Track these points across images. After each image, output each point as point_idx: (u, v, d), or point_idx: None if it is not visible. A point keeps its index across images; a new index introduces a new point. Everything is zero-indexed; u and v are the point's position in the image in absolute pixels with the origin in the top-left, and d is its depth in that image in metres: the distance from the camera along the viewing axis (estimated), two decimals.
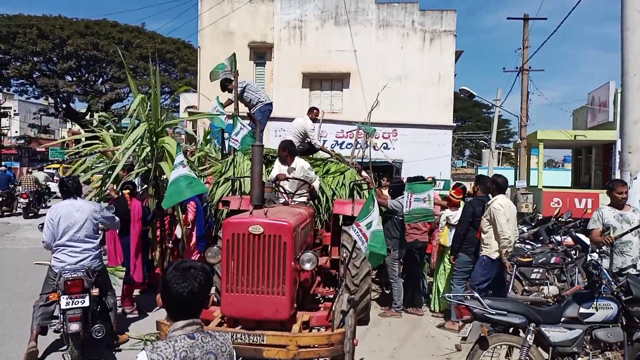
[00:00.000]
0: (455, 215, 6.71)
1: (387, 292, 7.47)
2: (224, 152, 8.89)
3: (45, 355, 5.02)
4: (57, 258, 4.82)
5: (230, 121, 7.93)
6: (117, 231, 5.97)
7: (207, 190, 4.82)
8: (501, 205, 5.79)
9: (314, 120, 8.24)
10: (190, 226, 6.44)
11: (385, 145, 18.88)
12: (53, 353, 5.10)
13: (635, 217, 5.15)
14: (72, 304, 4.57)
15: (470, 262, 6.17)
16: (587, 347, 4.06)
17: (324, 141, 16.11)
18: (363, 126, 9.01)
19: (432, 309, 6.94)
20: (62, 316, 4.64)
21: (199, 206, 6.67)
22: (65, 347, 4.91)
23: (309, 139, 8.15)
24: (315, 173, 6.86)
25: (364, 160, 8.72)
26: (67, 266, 4.75)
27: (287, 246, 4.08)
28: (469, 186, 13.46)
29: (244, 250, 4.08)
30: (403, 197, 6.80)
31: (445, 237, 6.73)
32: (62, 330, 4.69)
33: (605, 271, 4.29)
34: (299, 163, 6.14)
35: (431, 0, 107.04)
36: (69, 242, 4.80)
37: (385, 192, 7.27)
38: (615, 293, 4.15)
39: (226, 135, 8.31)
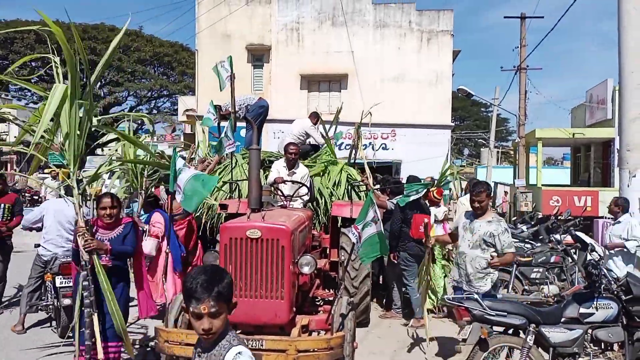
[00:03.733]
0: (437, 213, 7.37)
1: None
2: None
3: (33, 333, 5.76)
4: (45, 248, 5.76)
5: (224, 123, 7.74)
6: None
7: (218, 181, 4.95)
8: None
9: (315, 124, 8.31)
10: (160, 240, 5.89)
11: (384, 145, 18.87)
12: (40, 329, 5.89)
13: (481, 230, 4.60)
14: (65, 283, 5.47)
15: (410, 257, 6.23)
16: (588, 347, 4.05)
17: None
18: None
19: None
20: (54, 293, 5.56)
21: (167, 221, 5.73)
22: (48, 324, 5.91)
23: (310, 139, 8.18)
24: (313, 175, 6.84)
25: (357, 161, 8.69)
26: (59, 255, 5.66)
27: (285, 250, 4.06)
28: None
29: (241, 255, 4.06)
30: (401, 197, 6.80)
31: (433, 232, 6.77)
32: (51, 305, 5.67)
33: (605, 271, 4.26)
34: (301, 169, 6.14)
35: (428, 0, 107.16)
36: (57, 235, 5.74)
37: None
38: (616, 292, 4.13)
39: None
